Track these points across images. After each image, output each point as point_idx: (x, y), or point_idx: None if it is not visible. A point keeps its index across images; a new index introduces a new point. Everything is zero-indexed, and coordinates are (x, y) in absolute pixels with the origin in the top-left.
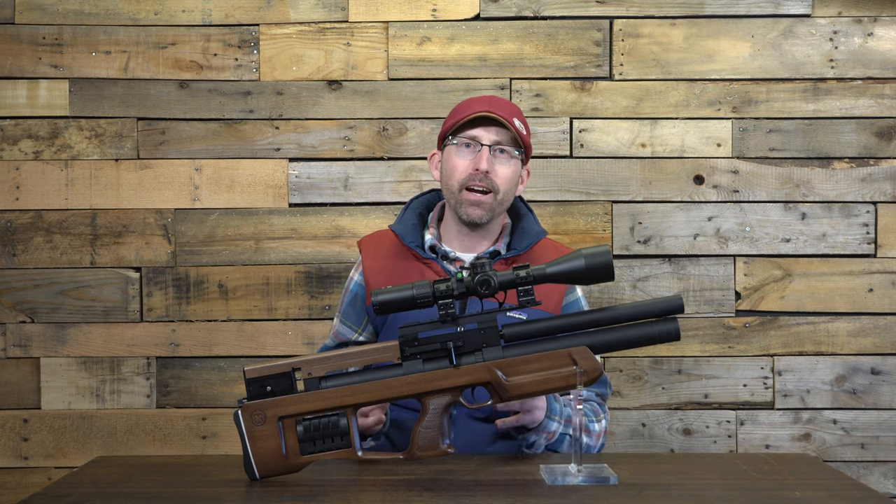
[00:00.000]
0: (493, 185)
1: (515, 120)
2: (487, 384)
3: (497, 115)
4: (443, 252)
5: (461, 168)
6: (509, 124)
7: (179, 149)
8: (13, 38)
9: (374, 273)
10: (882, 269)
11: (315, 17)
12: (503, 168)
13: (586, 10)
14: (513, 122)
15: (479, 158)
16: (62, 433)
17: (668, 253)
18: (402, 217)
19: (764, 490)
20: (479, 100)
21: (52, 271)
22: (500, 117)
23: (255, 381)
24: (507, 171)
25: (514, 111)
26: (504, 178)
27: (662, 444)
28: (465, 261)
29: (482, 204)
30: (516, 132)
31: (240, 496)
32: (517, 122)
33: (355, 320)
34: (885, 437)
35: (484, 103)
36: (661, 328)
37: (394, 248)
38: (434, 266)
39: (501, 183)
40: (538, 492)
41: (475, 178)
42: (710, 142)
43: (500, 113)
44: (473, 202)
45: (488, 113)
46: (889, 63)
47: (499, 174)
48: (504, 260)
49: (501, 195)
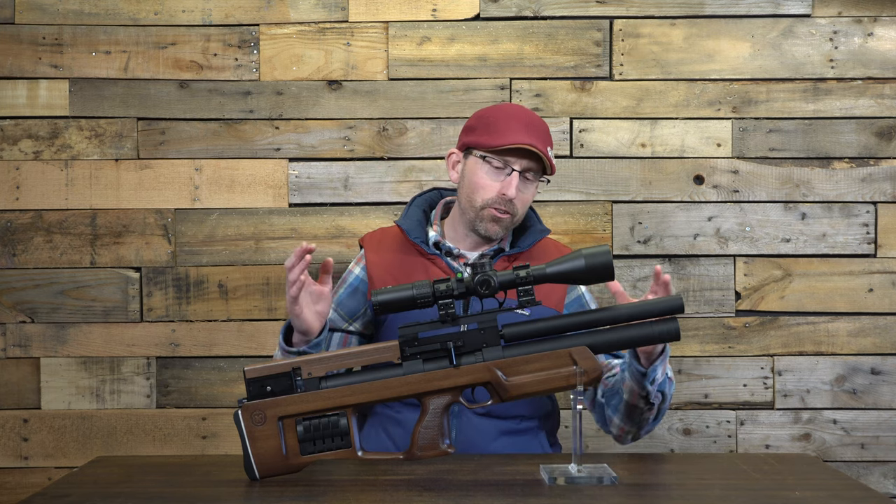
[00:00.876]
0: (514, 209)
1: (549, 150)
2: (487, 384)
3: (539, 149)
4: (447, 248)
5: (488, 188)
6: (544, 157)
7: (179, 149)
8: (13, 38)
9: (378, 267)
10: (882, 269)
11: (315, 17)
12: (526, 193)
13: (586, 10)
14: (547, 152)
15: (509, 185)
16: (62, 433)
17: (668, 253)
18: (406, 213)
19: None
20: (518, 119)
21: (52, 271)
22: (537, 150)
23: (255, 381)
24: (528, 196)
25: (549, 138)
26: (524, 201)
27: (662, 444)
28: (470, 258)
29: (501, 222)
30: (549, 162)
31: (240, 496)
32: (550, 151)
33: (349, 311)
34: (885, 437)
35: (523, 131)
36: (661, 328)
37: (398, 244)
38: (438, 262)
39: (521, 206)
40: (538, 492)
41: (499, 202)
42: (710, 142)
43: (540, 145)
44: (493, 219)
45: (530, 147)
46: (889, 63)
47: (521, 199)
48: (507, 257)
49: (518, 217)
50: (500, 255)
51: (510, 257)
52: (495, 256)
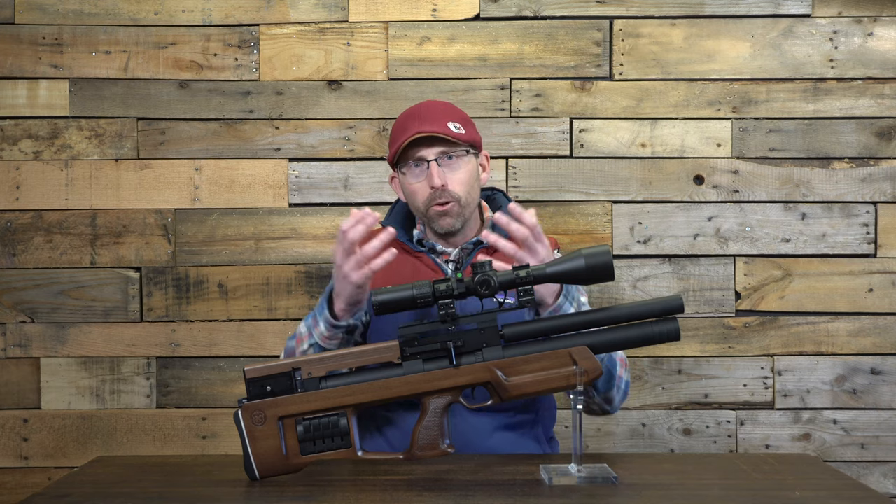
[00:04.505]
0: (452, 195)
1: (449, 123)
2: (487, 384)
3: (428, 131)
4: (430, 246)
5: (419, 191)
6: (442, 133)
7: (179, 149)
8: (13, 38)
9: None
10: (882, 269)
11: (315, 17)
12: (456, 174)
13: (586, 10)
14: (447, 127)
15: (431, 176)
16: (62, 433)
17: (668, 253)
18: (390, 213)
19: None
20: (410, 117)
21: (52, 271)
22: (431, 133)
23: (255, 381)
24: (461, 174)
25: (445, 113)
26: (460, 182)
27: (662, 444)
28: (451, 254)
29: (449, 212)
30: (454, 136)
31: (240, 496)
32: (451, 124)
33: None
34: (885, 437)
35: (414, 120)
36: (661, 328)
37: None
38: (425, 259)
39: (459, 188)
40: (538, 492)
41: (435, 197)
42: (710, 142)
43: (431, 127)
44: (441, 213)
45: (419, 134)
46: (889, 63)
47: (453, 181)
48: (486, 249)
49: (464, 199)
50: (479, 247)
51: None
52: (475, 249)
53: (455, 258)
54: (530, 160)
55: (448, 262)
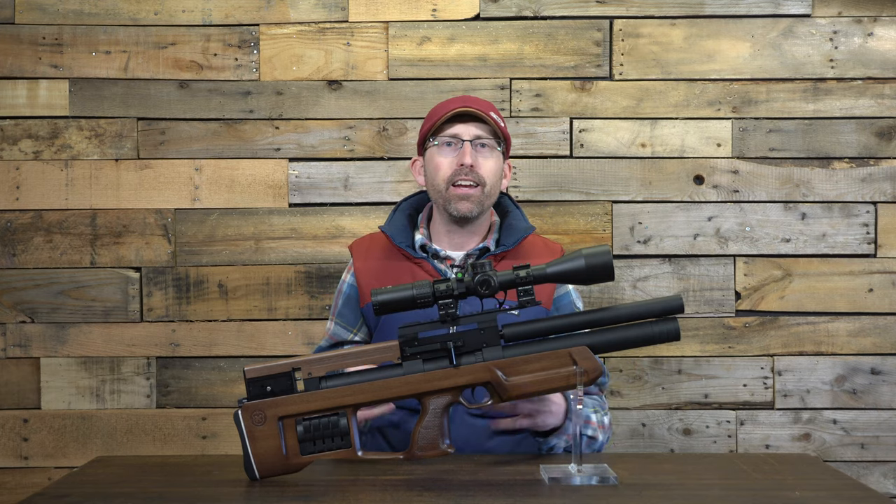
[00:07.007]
0: (479, 178)
1: (492, 113)
2: (487, 384)
3: (475, 109)
4: (433, 251)
5: (445, 166)
6: (487, 117)
7: (179, 149)
8: (13, 38)
9: (365, 274)
10: (882, 269)
11: (315, 17)
12: (487, 161)
13: (586, 10)
14: (490, 114)
15: (463, 154)
16: (62, 433)
17: (668, 253)
18: (391, 218)
19: (764, 490)
20: (454, 99)
21: (52, 271)
22: (477, 111)
23: (255, 381)
24: (491, 163)
25: (489, 105)
26: (489, 170)
27: (662, 444)
28: (456, 259)
29: (471, 197)
30: (495, 124)
31: (240, 496)
32: (494, 115)
33: (350, 321)
34: (885, 437)
35: (459, 101)
36: (661, 328)
37: (384, 249)
38: (425, 265)
39: (487, 175)
40: (538, 492)
41: (461, 174)
42: (710, 142)
43: (477, 107)
44: (462, 196)
45: (465, 108)
46: (889, 63)
47: (483, 167)
48: (493, 256)
49: (489, 188)
50: (485, 255)
51: (496, 256)
52: (481, 256)
53: (460, 263)
54: (530, 160)
55: (453, 268)
